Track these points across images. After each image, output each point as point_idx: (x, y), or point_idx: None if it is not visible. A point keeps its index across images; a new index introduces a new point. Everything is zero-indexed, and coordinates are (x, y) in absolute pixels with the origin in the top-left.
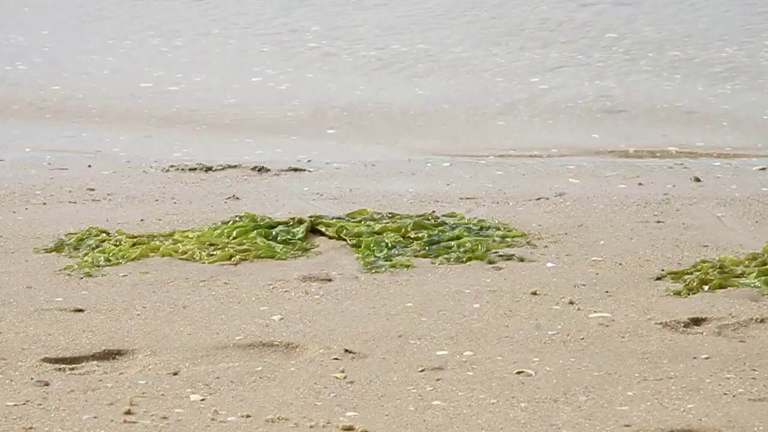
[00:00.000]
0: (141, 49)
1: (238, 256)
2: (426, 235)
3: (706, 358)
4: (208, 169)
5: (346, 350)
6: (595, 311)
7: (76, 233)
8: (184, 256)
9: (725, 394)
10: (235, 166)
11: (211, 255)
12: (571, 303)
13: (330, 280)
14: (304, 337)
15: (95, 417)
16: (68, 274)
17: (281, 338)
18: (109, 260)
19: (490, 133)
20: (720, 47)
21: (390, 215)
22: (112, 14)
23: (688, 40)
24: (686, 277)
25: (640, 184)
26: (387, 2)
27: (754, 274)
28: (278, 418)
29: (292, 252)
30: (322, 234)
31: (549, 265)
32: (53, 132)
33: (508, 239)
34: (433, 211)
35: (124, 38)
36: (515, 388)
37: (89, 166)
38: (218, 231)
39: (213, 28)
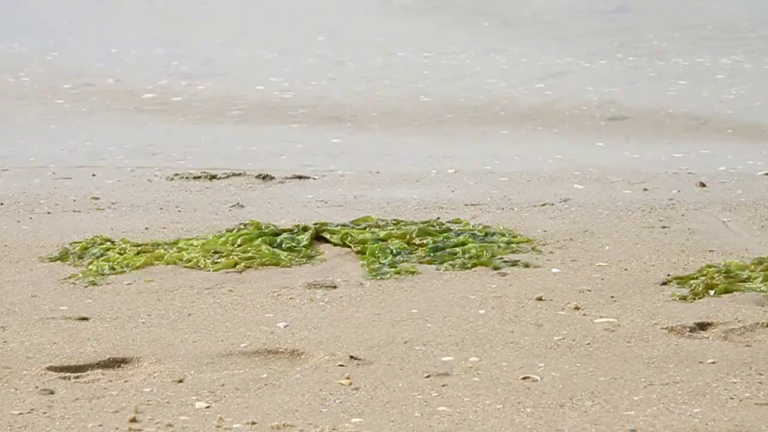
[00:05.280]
0: (145, 58)
1: (242, 264)
2: (431, 242)
3: (712, 363)
4: (213, 177)
5: (352, 357)
6: (600, 316)
7: (80, 242)
8: (188, 264)
9: (731, 398)
10: (239, 174)
11: (216, 263)
12: (577, 308)
13: (335, 286)
14: (310, 343)
15: (100, 425)
16: (73, 283)
17: (286, 345)
18: (114, 269)
19: (495, 139)
20: (724, 53)
21: (395, 222)
22: (116, 23)
23: (692, 47)
24: (692, 281)
25: (645, 189)
26: (391, 11)
27: (760, 279)
28: (284, 425)
29: (296, 259)
30: (327, 241)
31: (554, 270)
32: (57, 141)
33: (513, 245)
34: (438, 218)
35: (128, 47)
36: (521, 394)
37: (93, 175)
38: (223, 239)
39: (216, 36)
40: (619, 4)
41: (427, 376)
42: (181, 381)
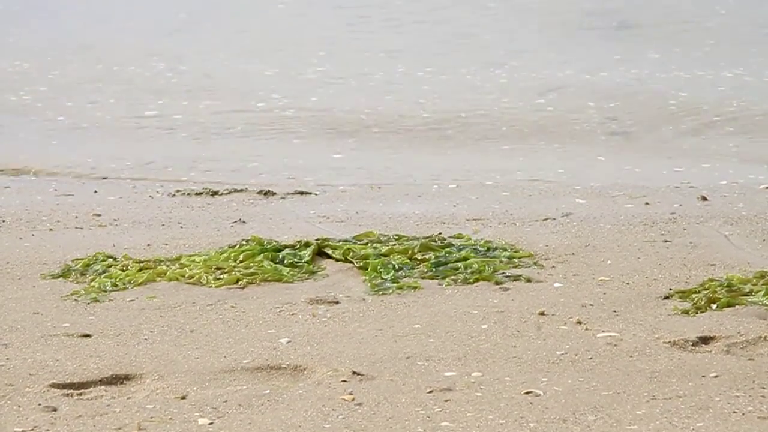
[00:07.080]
0: (145, 75)
1: (245, 280)
2: (433, 257)
3: (715, 377)
4: (215, 193)
5: (354, 372)
6: (603, 331)
7: (82, 259)
8: (191, 281)
9: (734, 412)
10: (241, 190)
11: (218, 279)
12: (579, 323)
13: (337, 302)
14: (312, 359)
15: None
16: (75, 300)
17: (289, 361)
18: (116, 285)
19: (496, 154)
20: (725, 67)
21: (397, 237)
22: (116, 41)
23: (693, 61)
24: (694, 295)
25: (647, 203)
26: (391, 26)
27: (762, 292)
28: None
29: (299, 275)
30: (329, 257)
31: (556, 285)
32: (59, 159)
33: (515, 260)
34: (440, 233)
35: (128, 65)
36: (524, 409)
37: (95, 191)
38: (225, 255)
39: (216, 53)
40: (621, 18)
41: (430, 392)
42: (183, 397)
